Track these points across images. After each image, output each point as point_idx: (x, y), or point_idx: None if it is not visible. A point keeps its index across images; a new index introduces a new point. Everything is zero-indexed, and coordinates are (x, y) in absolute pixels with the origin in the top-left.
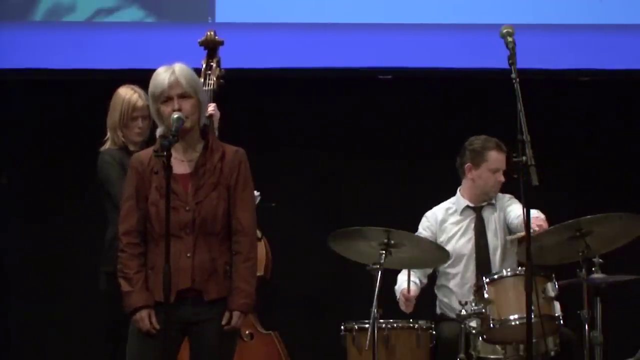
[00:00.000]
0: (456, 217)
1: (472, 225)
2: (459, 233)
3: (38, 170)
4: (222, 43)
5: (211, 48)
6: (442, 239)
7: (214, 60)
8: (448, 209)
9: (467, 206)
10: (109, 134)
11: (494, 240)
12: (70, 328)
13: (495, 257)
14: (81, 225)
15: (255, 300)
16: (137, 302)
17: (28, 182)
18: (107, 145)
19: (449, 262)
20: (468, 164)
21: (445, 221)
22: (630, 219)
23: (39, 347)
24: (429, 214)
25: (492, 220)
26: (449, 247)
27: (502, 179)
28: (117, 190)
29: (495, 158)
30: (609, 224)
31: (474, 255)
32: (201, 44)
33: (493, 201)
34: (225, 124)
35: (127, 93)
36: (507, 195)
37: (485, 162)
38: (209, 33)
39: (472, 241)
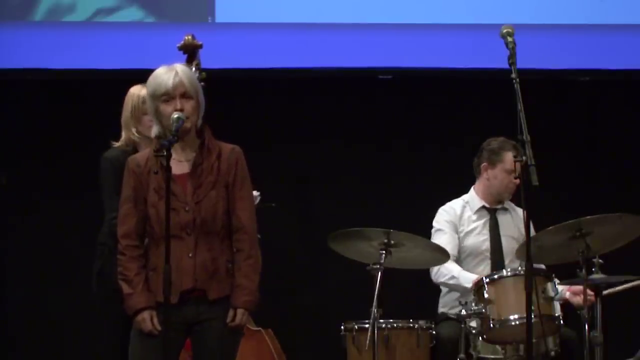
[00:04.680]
0: (472, 215)
1: (487, 226)
2: (476, 230)
3: (38, 170)
4: (200, 46)
5: (190, 52)
6: (462, 232)
7: (194, 64)
8: (464, 205)
9: (483, 206)
10: (123, 133)
11: (508, 244)
12: (69, 328)
13: (508, 260)
14: (81, 225)
15: (259, 298)
16: (139, 303)
17: (28, 182)
18: (118, 143)
19: (463, 257)
20: (484, 163)
21: (463, 216)
22: (630, 219)
23: (39, 347)
24: (446, 207)
25: (506, 224)
26: (468, 242)
27: (517, 181)
28: (108, 200)
29: (511, 159)
30: (609, 224)
31: (488, 255)
32: (180, 48)
33: (506, 206)
34: (226, 124)
35: (136, 89)
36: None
37: (501, 162)
38: (186, 37)
39: (488, 242)
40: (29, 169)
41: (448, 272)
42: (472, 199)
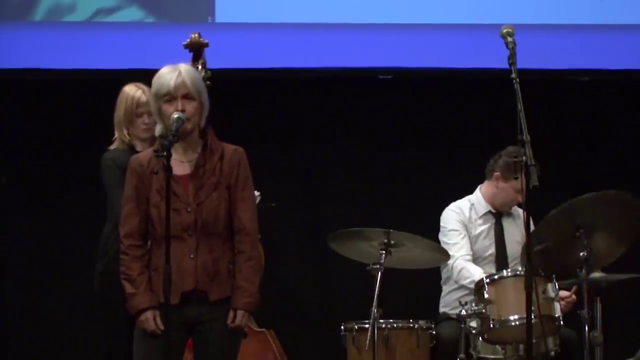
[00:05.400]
0: (477, 219)
1: (493, 231)
2: (482, 235)
3: (38, 170)
4: (207, 45)
5: (196, 50)
6: (469, 234)
7: (200, 63)
8: (470, 207)
9: (489, 211)
10: (116, 133)
11: (512, 248)
12: (69, 328)
13: (513, 264)
14: (81, 225)
15: (259, 299)
16: (142, 303)
17: (28, 182)
18: (114, 145)
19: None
20: (498, 172)
21: (471, 218)
22: (624, 202)
23: (38, 347)
24: (454, 208)
25: (511, 229)
26: (474, 246)
27: (521, 200)
28: (114, 196)
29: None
30: (603, 206)
31: (493, 260)
32: (186, 46)
33: (511, 210)
34: (226, 124)
35: (131, 90)
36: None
37: (515, 180)
38: (193, 35)
39: (493, 247)
40: (29, 169)
41: (470, 275)
42: (478, 201)
